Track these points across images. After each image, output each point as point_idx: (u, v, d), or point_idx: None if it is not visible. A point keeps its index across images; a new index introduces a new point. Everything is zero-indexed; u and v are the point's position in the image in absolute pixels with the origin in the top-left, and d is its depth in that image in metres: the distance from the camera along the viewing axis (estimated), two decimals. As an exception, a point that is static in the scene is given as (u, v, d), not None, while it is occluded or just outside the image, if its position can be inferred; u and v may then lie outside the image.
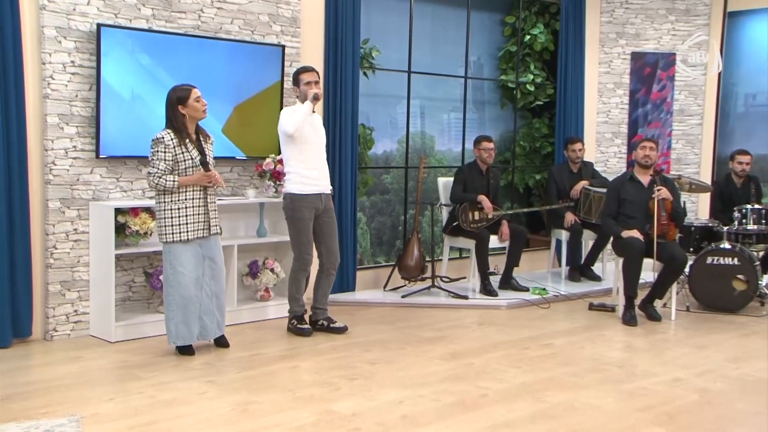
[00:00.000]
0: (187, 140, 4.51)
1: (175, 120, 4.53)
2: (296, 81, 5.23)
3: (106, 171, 5.33)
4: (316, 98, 5.05)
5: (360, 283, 6.76)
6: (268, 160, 5.83)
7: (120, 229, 5.18)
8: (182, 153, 4.49)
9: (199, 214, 4.57)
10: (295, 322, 5.38)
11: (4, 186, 4.81)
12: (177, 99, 4.55)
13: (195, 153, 4.50)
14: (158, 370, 4.46)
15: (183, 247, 4.53)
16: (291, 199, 5.16)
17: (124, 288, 5.50)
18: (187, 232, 4.54)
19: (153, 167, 4.51)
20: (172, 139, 4.49)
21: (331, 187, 5.44)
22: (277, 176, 5.79)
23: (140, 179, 5.44)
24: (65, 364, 4.63)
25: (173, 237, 4.54)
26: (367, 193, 7.30)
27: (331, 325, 5.41)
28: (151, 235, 5.24)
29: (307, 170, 5.15)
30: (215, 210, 4.68)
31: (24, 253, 4.95)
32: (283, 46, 6.00)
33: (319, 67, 6.30)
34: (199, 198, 4.58)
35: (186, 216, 4.55)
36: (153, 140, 4.53)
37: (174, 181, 4.47)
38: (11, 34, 4.79)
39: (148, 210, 5.24)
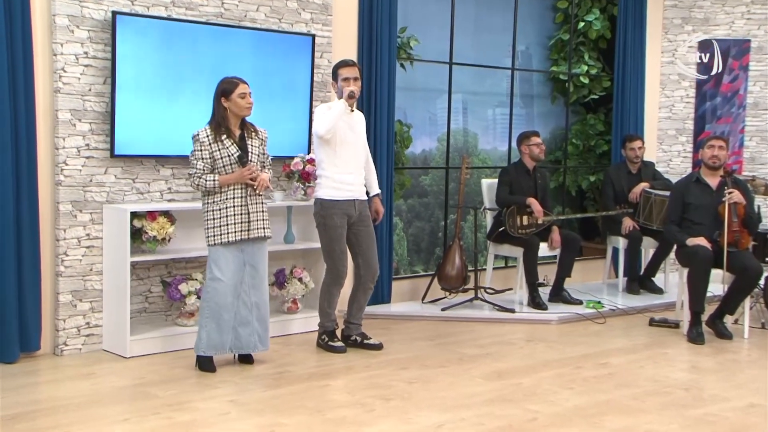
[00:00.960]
0: (225, 136, 4.55)
1: (216, 113, 4.61)
2: (335, 76, 5.27)
3: (122, 171, 5.37)
4: (351, 96, 5.08)
5: (396, 295, 6.80)
6: (296, 159, 5.87)
7: (136, 235, 5.21)
8: (219, 150, 4.55)
9: (240, 214, 4.63)
10: (326, 338, 5.40)
11: (11, 187, 4.86)
12: (222, 91, 4.63)
13: (234, 149, 4.54)
14: (176, 388, 4.48)
15: (223, 250, 4.60)
16: (321, 204, 5.20)
17: (140, 299, 5.54)
18: (227, 234, 4.61)
19: (193, 167, 4.62)
20: (207, 136, 4.56)
21: (379, 191, 5.48)
22: (306, 177, 5.82)
23: (158, 180, 5.49)
24: (76, 381, 4.66)
25: (214, 240, 4.63)
26: (404, 196, 7.33)
27: (365, 341, 5.43)
28: (169, 240, 5.27)
29: (341, 174, 5.19)
30: (262, 212, 4.71)
31: (32, 260, 5.00)
32: (313, 36, 6.04)
33: (352, 57, 6.29)
34: (240, 197, 4.63)
35: (227, 217, 4.62)
36: (192, 138, 4.60)
37: (214, 180, 4.55)
38: (20, 23, 4.84)
39: (167, 214, 5.29)
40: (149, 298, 5.60)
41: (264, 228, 4.72)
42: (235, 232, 4.63)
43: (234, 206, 4.62)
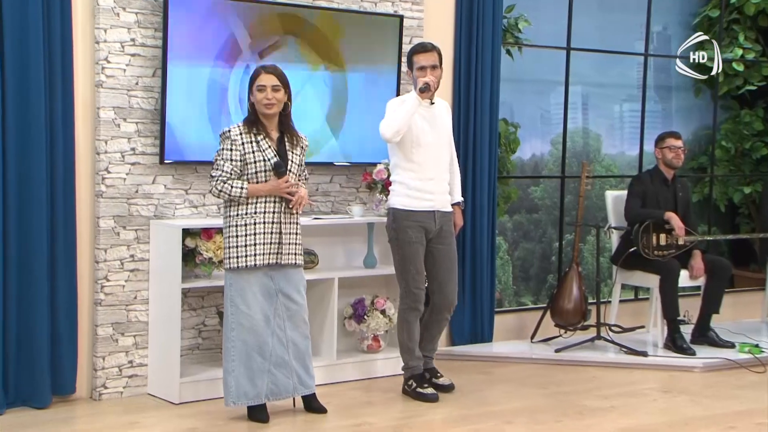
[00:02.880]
0: (261, 137, 4.54)
1: (250, 109, 4.66)
2: (410, 63, 5.31)
3: (173, 181, 5.42)
4: (425, 90, 5.09)
5: (499, 332, 6.76)
6: (380, 167, 5.86)
7: (189, 256, 5.24)
8: (252, 153, 4.55)
9: (271, 233, 4.60)
10: (414, 384, 5.39)
11: (45, 199, 4.93)
12: (249, 83, 4.67)
13: (270, 153, 4.53)
14: (233, 443, 4.48)
15: (248, 276, 4.58)
16: (394, 215, 5.26)
17: (192, 333, 5.59)
18: (254, 255, 4.57)
19: (216, 169, 4.59)
20: (240, 134, 4.56)
21: (461, 199, 5.49)
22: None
23: None
24: (117, 430, 4.68)
25: (237, 262, 4.59)
26: (510, 212, 7.28)
27: (434, 379, 5.45)
28: None
29: (418, 181, 5.23)
30: (296, 234, 4.71)
31: (67, 287, 5.06)
32: (401, 17, 6.04)
33: (448, 43, 6.32)
34: (272, 213, 4.61)
35: (254, 235, 4.58)
36: (219, 135, 4.62)
37: (242, 188, 4.53)
38: (59, 6, 4.94)
39: None
40: (203, 332, 5.64)
41: (296, 254, 4.71)
42: (263, 254, 4.59)
43: (264, 222, 4.59)
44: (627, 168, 7.77)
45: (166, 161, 5.32)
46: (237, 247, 4.58)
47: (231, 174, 4.53)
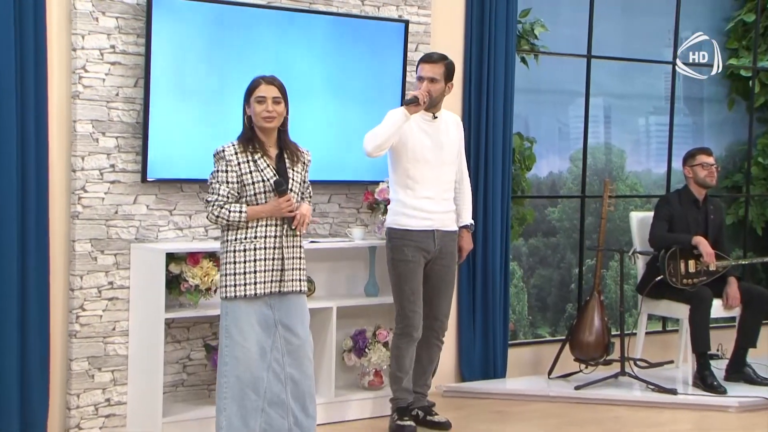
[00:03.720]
0: (259, 155, 4.53)
1: (245, 123, 4.62)
2: (418, 73, 5.39)
3: (156, 200, 5.41)
4: (412, 102, 5.12)
5: (513, 366, 6.75)
6: (382, 185, 5.85)
7: (173, 283, 5.22)
8: (250, 173, 4.52)
9: (273, 259, 4.56)
10: (396, 416, 5.41)
11: (15, 220, 4.89)
12: (245, 95, 4.62)
13: (269, 173, 4.52)
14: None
15: (246, 306, 4.52)
16: (390, 234, 5.34)
17: (176, 368, 5.54)
18: (254, 284, 4.52)
19: (212, 193, 4.54)
20: (236, 153, 4.52)
21: (470, 222, 5.52)
22: None
23: (203, 212, 5.25)
24: (91, 476, 4.70)
25: (234, 291, 4.52)
26: (525, 235, 7.25)
27: (429, 417, 5.48)
28: (215, 291, 5.25)
29: (415, 199, 5.28)
30: (299, 258, 4.66)
31: (39, 317, 5.01)
32: (406, 22, 6.03)
33: (458, 50, 6.31)
34: (274, 237, 4.56)
35: (254, 261, 4.53)
36: (213, 155, 4.58)
37: (240, 211, 4.49)
38: (32, 9, 4.92)
39: (213, 256, 5.27)
40: (188, 367, 5.60)
41: (300, 280, 4.66)
42: (264, 282, 4.54)
43: (266, 248, 4.54)
44: (653, 187, 7.78)
45: (148, 179, 5.30)
46: (236, 274, 4.53)
47: (228, 198, 4.49)
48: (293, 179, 4.59)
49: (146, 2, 5.17)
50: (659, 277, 6.60)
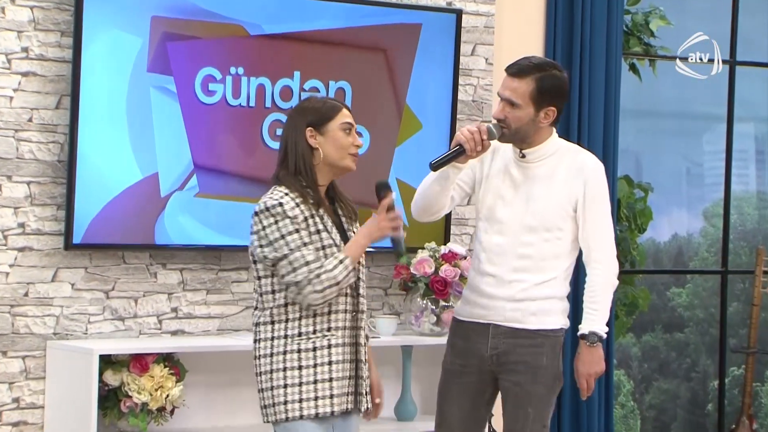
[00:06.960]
0: (322, 209, 3.96)
1: (298, 161, 3.94)
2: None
3: (86, 277, 4.88)
4: (455, 156, 4.17)
5: None
6: (422, 255, 5.26)
7: (110, 401, 4.70)
8: (318, 232, 3.94)
9: (345, 361, 3.99)
10: None
11: None
12: (309, 121, 3.96)
13: (336, 233, 3.98)
14: None
15: (313, 430, 3.98)
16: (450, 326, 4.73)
17: None
18: (329, 398, 3.96)
19: (293, 263, 3.86)
20: (297, 205, 3.87)
21: (594, 329, 4.43)
22: (442, 289, 5.27)
23: (154, 293, 5.00)
24: None
25: (293, 411, 3.89)
26: (637, 328, 6.98)
27: None
28: (172, 413, 4.75)
29: (477, 276, 4.41)
30: (366, 361, 4.21)
31: None
32: (459, 12, 5.49)
33: (534, 53, 5.53)
34: (344, 329, 4.01)
35: (329, 365, 3.96)
36: (263, 212, 3.88)
37: (341, 261, 3.90)
38: None
39: (169, 359, 4.77)
40: None
41: (368, 393, 4.07)
42: (333, 396, 3.93)
43: (338, 345, 3.95)
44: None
45: (75, 244, 4.70)
46: (289, 386, 3.91)
47: (317, 260, 3.88)
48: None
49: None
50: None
